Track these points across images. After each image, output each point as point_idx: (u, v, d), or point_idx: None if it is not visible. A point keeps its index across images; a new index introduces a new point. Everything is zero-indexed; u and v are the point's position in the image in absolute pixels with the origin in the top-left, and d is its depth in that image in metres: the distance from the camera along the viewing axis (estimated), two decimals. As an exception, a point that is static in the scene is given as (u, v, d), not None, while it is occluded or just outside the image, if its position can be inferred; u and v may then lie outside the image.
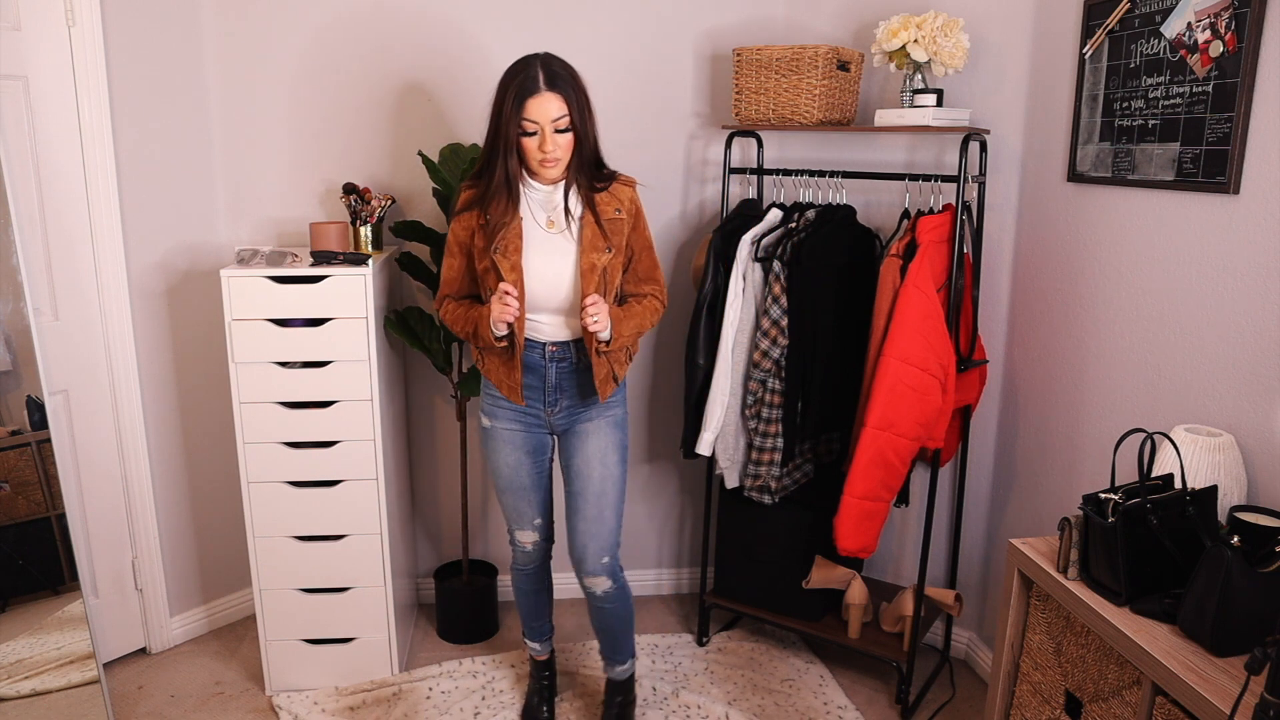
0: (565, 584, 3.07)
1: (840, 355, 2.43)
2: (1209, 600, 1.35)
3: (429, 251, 2.70)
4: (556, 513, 2.36)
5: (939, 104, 2.31)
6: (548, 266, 2.03)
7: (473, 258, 2.08)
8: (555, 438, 2.21)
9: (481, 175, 2.02)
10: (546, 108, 1.90)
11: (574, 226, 2.04)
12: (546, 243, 2.03)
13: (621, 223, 2.06)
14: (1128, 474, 1.67)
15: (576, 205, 2.04)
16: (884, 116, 2.35)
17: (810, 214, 2.48)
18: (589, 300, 1.96)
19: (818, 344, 2.39)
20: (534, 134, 1.93)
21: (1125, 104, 1.99)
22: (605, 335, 2.02)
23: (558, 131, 1.93)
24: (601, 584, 2.19)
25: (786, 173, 2.55)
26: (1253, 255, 1.69)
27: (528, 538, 2.28)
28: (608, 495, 2.14)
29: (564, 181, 2.03)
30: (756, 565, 2.67)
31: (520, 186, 2.02)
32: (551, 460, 2.25)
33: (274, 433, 2.36)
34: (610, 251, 2.03)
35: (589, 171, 2.02)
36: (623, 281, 2.13)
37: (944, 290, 2.28)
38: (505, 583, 3.05)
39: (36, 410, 2.21)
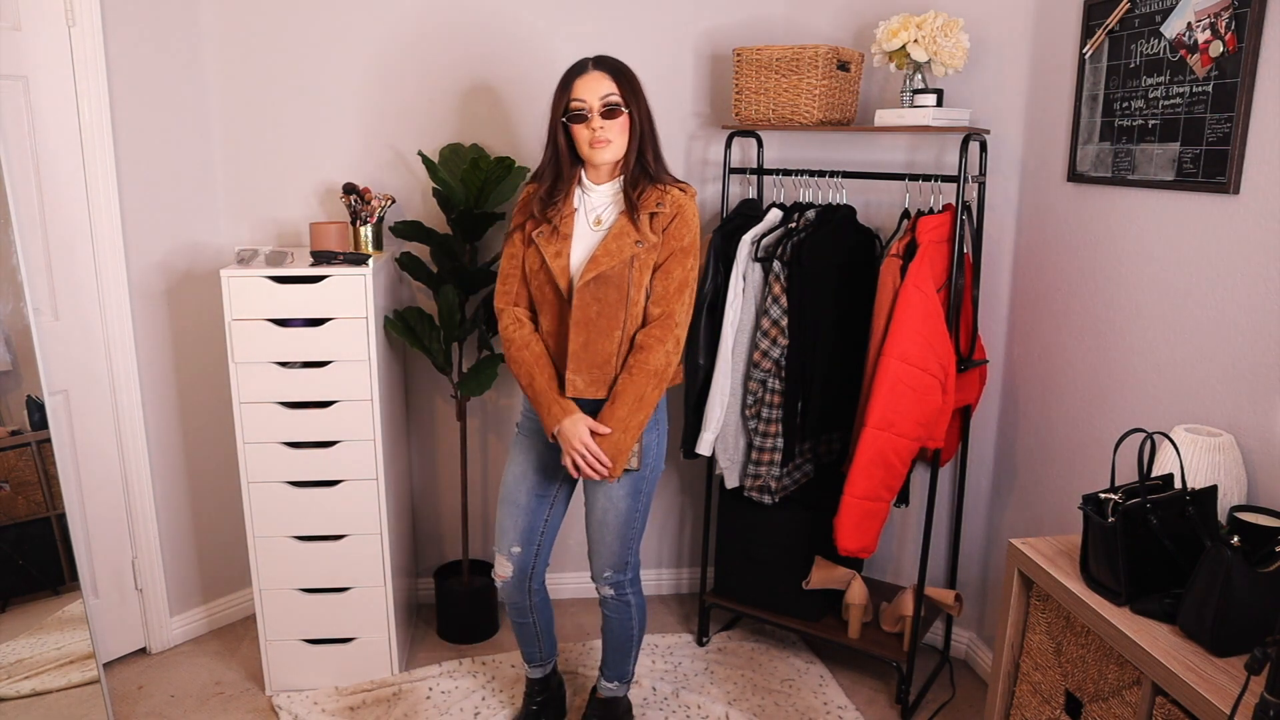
0: (570, 584, 3.08)
1: (840, 355, 2.43)
2: (1209, 600, 1.35)
3: (429, 251, 2.70)
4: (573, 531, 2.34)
5: (939, 104, 2.31)
6: (577, 266, 2.00)
7: (525, 269, 2.05)
8: None
9: (539, 175, 2.03)
10: (594, 85, 1.91)
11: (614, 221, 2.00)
12: (587, 238, 2.00)
13: (664, 217, 1.98)
14: (1128, 474, 1.66)
15: (622, 204, 1.99)
16: (884, 116, 2.35)
17: (810, 214, 2.48)
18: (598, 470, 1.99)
19: (818, 344, 2.39)
20: (581, 114, 1.92)
21: (1125, 104, 1.99)
22: (623, 467, 2.01)
23: (606, 108, 1.91)
24: (604, 590, 2.20)
25: (786, 173, 2.55)
26: (1253, 255, 1.69)
27: (503, 568, 2.19)
28: (608, 525, 2.12)
29: (620, 174, 2.00)
30: (756, 565, 2.67)
31: (573, 179, 2.01)
32: (558, 487, 2.20)
33: (274, 433, 2.36)
34: (642, 245, 1.96)
35: (641, 171, 1.98)
36: (650, 288, 2.00)
37: (944, 290, 2.28)
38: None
39: (36, 410, 2.20)
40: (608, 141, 1.93)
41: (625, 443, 1.99)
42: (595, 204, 2.02)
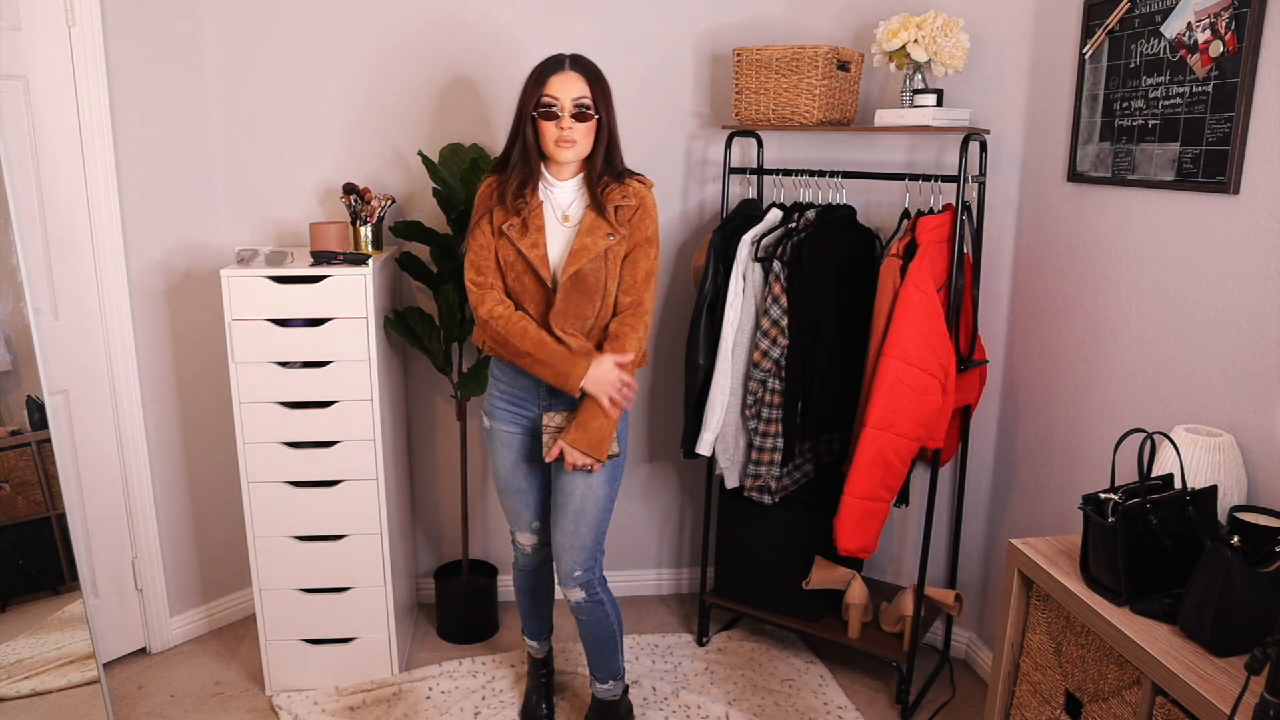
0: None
1: (840, 355, 2.43)
2: (1209, 600, 1.35)
3: (429, 251, 2.70)
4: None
5: (939, 104, 2.31)
6: (555, 258, 2.03)
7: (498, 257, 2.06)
8: None
9: (502, 166, 2.05)
10: (569, 85, 1.94)
11: (582, 217, 2.04)
12: (559, 233, 2.03)
13: (630, 209, 2.03)
14: (1128, 474, 1.67)
15: (586, 199, 2.04)
16: (884, 116, 2.35)
17: (810, 214, 2.48)
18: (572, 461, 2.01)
19: (818, 344, 2.39)
20: (552, 111, 1.94)
21: (1125, 104, 1.99)
22: (599, 459, 2.02)
23: (578, 110, 1.93)
24: (575, 594, 2.18)
25: (786, 173, 2.55)
26: (1253, 255, 1.69)
27: (526, 540, 2.29)
28: (586, 514, 2.12)
29: (580, 175, 2.03)
30: (756, 565, 2.67)
31: (538, 175, 2.02)
32: (542, 472, 2.22)
33: (274, 433, 2.36)
34: (614, 238, 2.00)
35: (606, 169, 2.01)
36: (620, 278, 2.05)
37: (944, 290, 2.28)
38: (505, 582, 3.06)
39: (36, 410, 2.20)
40: (573, 142, 1.96)
41: (607, 429, 2.02)
42: (560, 200, 2.05)
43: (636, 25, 2.74)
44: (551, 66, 1.97)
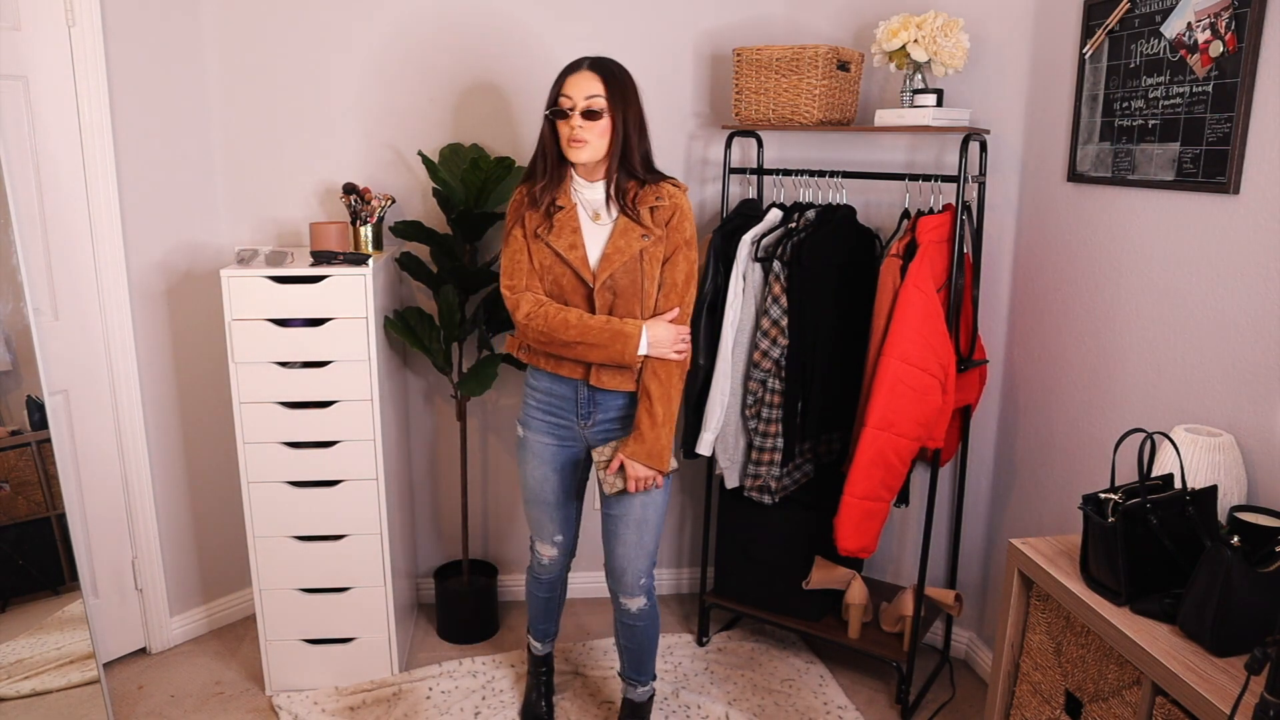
0: (573, 584, 3.07)
1: (840, 355, 2.43)
2: (1209, 600, 1.35)
3: (429, 251, 2.70)
4: (583, 529, 2.33)
5: (939, 104, 2.31)
6: (594, 258, 2.01)
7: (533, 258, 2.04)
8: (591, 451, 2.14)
9: (530, 175, 2.04)
10: (582, 85, 1.92)
11: (615, 219, 2.01)
12: (593, 233, 2.01)
13: (664, 210, 2.00)
14: (1128, 474, 1.67)
15: (614, 201, 2.01)
16: (884, 116, 2.35)
17: (810, 214, 2.48)
18: (630, 484, 2.02)
19: (818, 344, 2.39)
20: (564, 111, 1.93)
21: (1125, 104, 1.99)
22: (662, 471, 2.02)
23: (589, 109, 1.91)
24: (638, 602, 2.19)
25: (786, 173, 2.55)
26: (1253, 255, 1.70)
27: (546, 551, 2.27)
28: (649, 523, 2.11)
29: (604, 176, 2.00)
30: (756, 565, 2.67)
31: (566, 175, 2.01)
32: (584, 479, 2.22)
33: (274, 433, 2.36)
34: (649, 238, 1.98)
35: (628, 170, 1.98)
36: (660, 280, 2.02)
37: (944, 290, 2.28)
38: (505, 582, 3.06)
39: (36, 410, 2.20)
40: (584, 142, 1.93)
41: (665, 439, 2.01)
42: (590, 199, 2.03)
43: (637, 25, 2.74)
44: (569, 68, 1.96)
